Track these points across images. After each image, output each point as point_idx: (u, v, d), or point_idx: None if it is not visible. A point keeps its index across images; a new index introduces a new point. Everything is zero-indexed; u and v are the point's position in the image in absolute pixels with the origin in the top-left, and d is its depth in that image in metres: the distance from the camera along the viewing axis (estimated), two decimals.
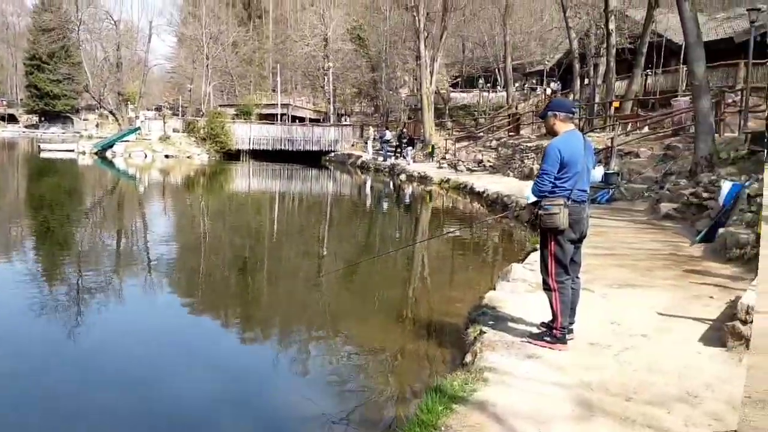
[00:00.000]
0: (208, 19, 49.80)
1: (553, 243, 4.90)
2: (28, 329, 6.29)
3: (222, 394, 4.92)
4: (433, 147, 29.20)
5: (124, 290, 7.99)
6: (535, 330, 5.08)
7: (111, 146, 35.03)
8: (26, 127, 73.71)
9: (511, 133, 26.44)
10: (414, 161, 28.61)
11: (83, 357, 5.65)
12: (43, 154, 35.20)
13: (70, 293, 7.73)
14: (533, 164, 19.58)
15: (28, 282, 7.97)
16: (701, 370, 4.16)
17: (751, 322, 4.13)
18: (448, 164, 25.84)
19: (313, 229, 14.49)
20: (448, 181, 22.09)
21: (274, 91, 58.95)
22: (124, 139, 35.71)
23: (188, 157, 34.90)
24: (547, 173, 4.81)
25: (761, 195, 7.82)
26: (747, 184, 8.78)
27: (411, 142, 30.20)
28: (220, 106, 47.99)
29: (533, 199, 4.93)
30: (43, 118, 72.95)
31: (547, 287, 4.97)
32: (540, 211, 4.85)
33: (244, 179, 29.30)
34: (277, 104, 47.71)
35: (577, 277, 5.11)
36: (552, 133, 5.05)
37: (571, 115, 5.12)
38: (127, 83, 47.06)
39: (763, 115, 13.36)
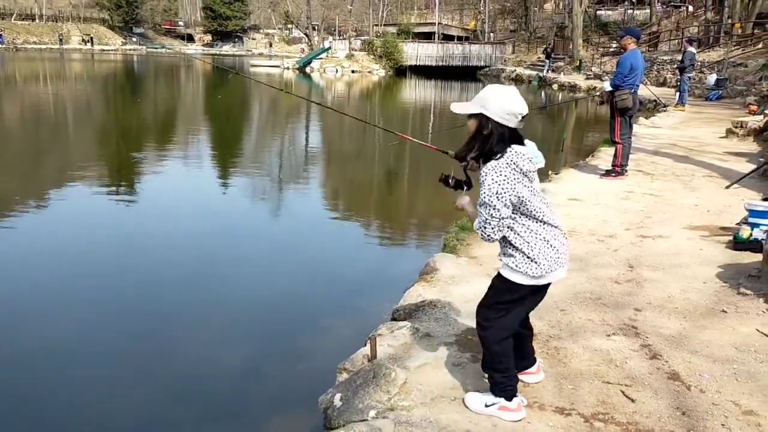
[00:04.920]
0: None
1: (618, 116, 7.16)
2: None
3: None
4: (580, 61, 34.55)
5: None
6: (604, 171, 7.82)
7: (309, 63, 43.27)
8: (203, 45, 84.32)
9: (650, 49, 31.33)
10: (563, 74, 34.24)
11: None
12: (253, 69, 44.04)
13: None
14: (667, 74, 24.99)
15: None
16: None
17: None
18: (594, 75, 31.38)
19: None
20: (595, 88, 27.90)
21: (419, 9, 65.37)
22: (318, 57, 43.80)
23: (369, 72, 42.43)
24: (622, 73, 6.85)
25: None
26: None
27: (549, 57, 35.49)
28: (384, 25, 54.92)
29: (609, 89, 7.11)
30: (216, 38, 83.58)
31: (614, 142, 7.37)
32: (615, 98, 7.00)
33: (423, 89, 36.48)
34: (428, 23, 53.80)
35: (630, 137, 7.37)
36: (624, 49, 7.15)
37: (637, 39, 7.20)
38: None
39: None
